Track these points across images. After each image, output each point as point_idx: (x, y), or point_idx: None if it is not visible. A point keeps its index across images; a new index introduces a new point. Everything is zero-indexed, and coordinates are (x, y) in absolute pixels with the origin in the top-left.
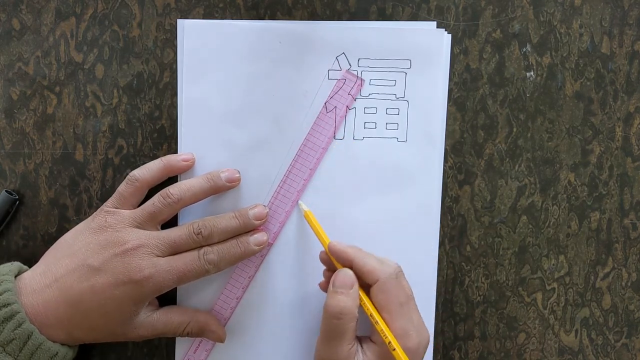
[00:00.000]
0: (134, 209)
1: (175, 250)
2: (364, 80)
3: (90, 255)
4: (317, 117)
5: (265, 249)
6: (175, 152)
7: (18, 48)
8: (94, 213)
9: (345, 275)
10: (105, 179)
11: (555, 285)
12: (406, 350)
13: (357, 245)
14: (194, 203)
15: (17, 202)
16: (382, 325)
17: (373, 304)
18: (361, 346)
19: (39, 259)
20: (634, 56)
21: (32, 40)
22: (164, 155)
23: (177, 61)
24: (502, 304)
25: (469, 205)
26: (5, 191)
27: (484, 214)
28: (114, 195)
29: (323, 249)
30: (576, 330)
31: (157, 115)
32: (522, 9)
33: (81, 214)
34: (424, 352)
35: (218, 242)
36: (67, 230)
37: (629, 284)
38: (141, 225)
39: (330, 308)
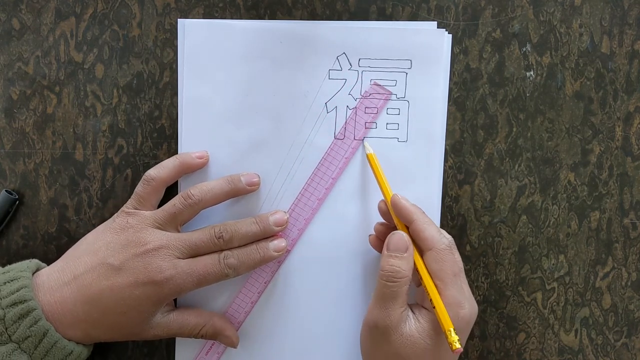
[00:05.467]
0: (154, 209)
1: (195, 252)
2: (383, 89)
3: (111, 255)
4: (342, 127)
5: (283, 255)
6: (176, 152)
7: (18, 48)
8: (114, 215)
9: (400, 238)
10: (105, 178)
11: (555, 285)
12: (459, 320)
13: (358, 244)
14: (214, 205)
15: (17, 202)
16: (426, 282)
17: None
18: (413, 312)
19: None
20: (634, 56)
21: (32, 40)
22: (164, 155)
23: (177, 61)
24: (502, 303)
25: (468, 205)
26: (5, 191)
27: (484, 214)
28: (132, 196)
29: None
30: (576, 330)
31: (157, 115)
32: (522, 8)
33: (81, 214)
34: (472, 325)
35: (238, 247)
36: (67, 230)
37: (629, 283)
38: (162, 226)
39: (384, 271)
